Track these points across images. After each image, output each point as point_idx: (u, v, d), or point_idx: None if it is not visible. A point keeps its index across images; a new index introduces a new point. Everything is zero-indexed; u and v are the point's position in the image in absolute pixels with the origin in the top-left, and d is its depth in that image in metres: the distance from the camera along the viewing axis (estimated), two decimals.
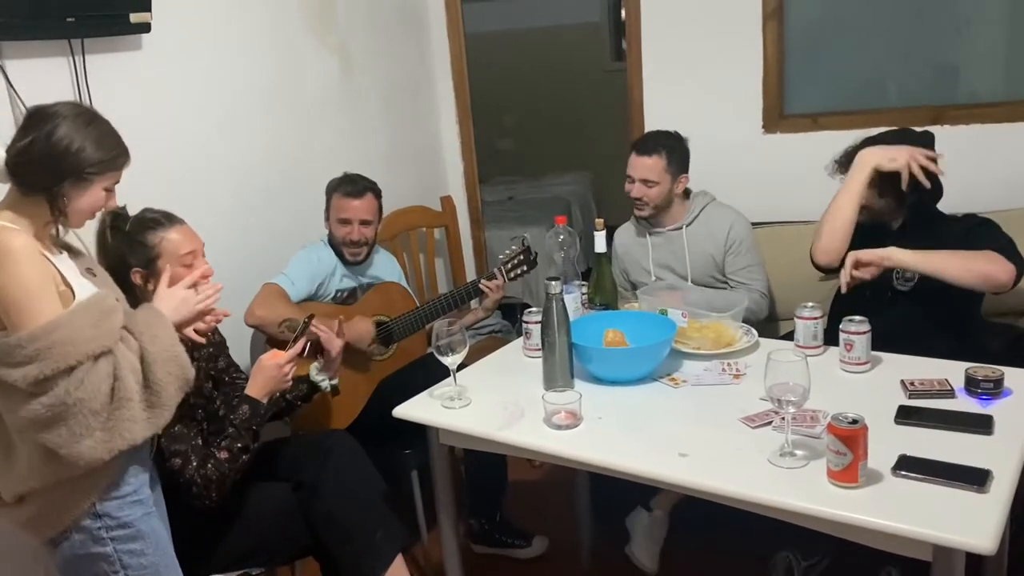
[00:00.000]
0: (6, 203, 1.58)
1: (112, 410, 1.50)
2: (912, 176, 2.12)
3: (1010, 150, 2.86)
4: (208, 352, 2.09)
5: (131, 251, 1.93)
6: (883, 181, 2.19)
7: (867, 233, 2.25)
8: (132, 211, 1.97)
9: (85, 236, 1.94)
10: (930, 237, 2.17)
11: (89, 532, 1.59)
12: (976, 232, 2.19)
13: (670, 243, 2.71)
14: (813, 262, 2.32)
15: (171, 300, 1.73)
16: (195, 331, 1.81)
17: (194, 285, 1.78)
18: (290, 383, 2.07)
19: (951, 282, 2.04)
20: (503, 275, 2.71)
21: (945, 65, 3.04)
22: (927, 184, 2.11)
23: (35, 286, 1.47)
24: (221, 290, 1.81)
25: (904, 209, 2.23)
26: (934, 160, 2.14)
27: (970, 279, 2.04)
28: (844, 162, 2.31)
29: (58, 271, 1.57)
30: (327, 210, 2.68)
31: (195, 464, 1.87)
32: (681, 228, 2.69)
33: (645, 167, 2.60)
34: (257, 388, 2.00)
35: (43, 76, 2.10)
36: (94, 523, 1.59)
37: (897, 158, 2.14)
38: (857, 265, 2.10)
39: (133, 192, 1.96)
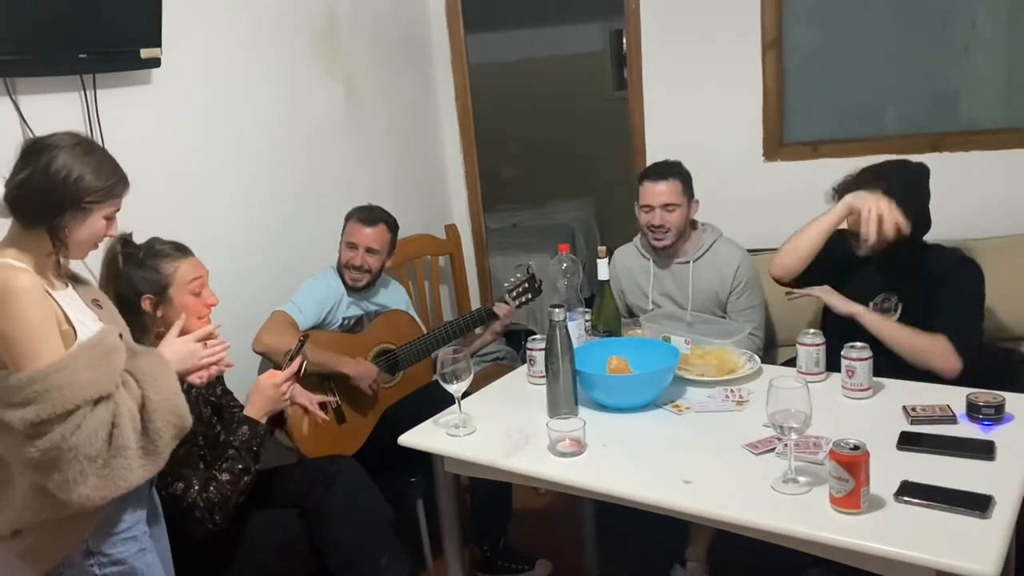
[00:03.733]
0: (9, 240, 1.57)
1: (109, 457, 1.49)
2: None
3: (1008, 177, 2.88)
4: None
5: (143, 278, 1.95)
6: None
7: (840, 262, 2.27)
8: (137, 238, 2.00)
9: (92, 262, 1.97)
10: (906, 269, 2.20)
11: (81, 569, 1.57)
12: (950, 283, 2.17)
13: (674, 275, 2.71)
14: (771, 274, 2.38)
15: (179, 350, 1.73)
16: (197, 378, 1.81)
17: (204, 340, 1.79)
18: (288, 403, 2.08)
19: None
20: (510, 302, 2.74)
21: (944, 93, 3.08)
22: (869, 237, 2.11)
23: (37, 328, 1.46)
24: (228, 348, 1.83)
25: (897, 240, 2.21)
26: (897, 227, 2.12)
27: (916, 362, 2.11)
28: (842, 190, 2.31)
29: (61, 309, 1.56)
30: (342, 234, 2.72)
31: (197, 488, 1.88)
32: (688, 263, 2.67)
33: (664, 192, 2.59)
34: (256, 408, 2.01)
35: (55, 111, 2.14)
36: (86, 560, 1.57)
37: (864, 205, 2.13)
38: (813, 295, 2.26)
39: (144, 223, 1.99)
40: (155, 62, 2.32)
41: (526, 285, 2.76)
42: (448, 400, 1.98)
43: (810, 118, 3.21)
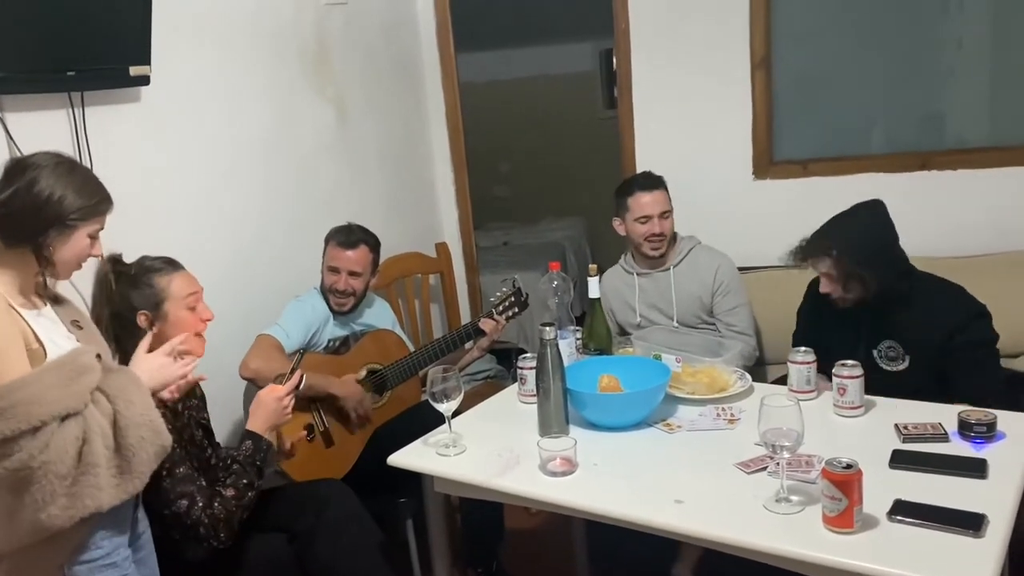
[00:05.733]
0: None
1: (78, 475, 1.47)
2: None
3: (995, 195, 2.90)
4: (195, 403, 2.09)
5: (137, 295, 1.94)
6: (849, 280, 2.18)
7: (833, 317, 2.27)
8: (125, 257, 1.99)
9: (84, 284, 1.96)
10: (902, 309, 2.19)
11: None
12: (965, 345, 2.14)
13: (657, 284, 2.76)
14: None
15: (149, 365, 1.72)
16: (168, 392, 1.79)
17: (174, 354, 1.77)
18: (290, 417, 2.07)
19: None
20: (498, 316, 2.73)
21: (931, 112, 3.10)
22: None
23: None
24: (198, 360, 1.82)
25: (870, 294, 2.19)
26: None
27: None
28: (802, 253, 2.27)
29: (31, 328, 1.54)
30: (323, 256, 2.70)
31: (202, 504, 1.85)
32: (669, 269, 2.74)
33: (660, 201, 2.69)
34: (259, 423, 2.00)
35: (43, 128, 2.12)
36: None
37: None
38: None
39: (131, 241, 1.98)
40: (144, 80, 2.31)
41: (512, 299, 2.74)
42: (437, 419, 1.96)
43: (800, 137, 3.23)
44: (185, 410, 1.99)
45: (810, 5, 3.14)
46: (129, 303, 1.94)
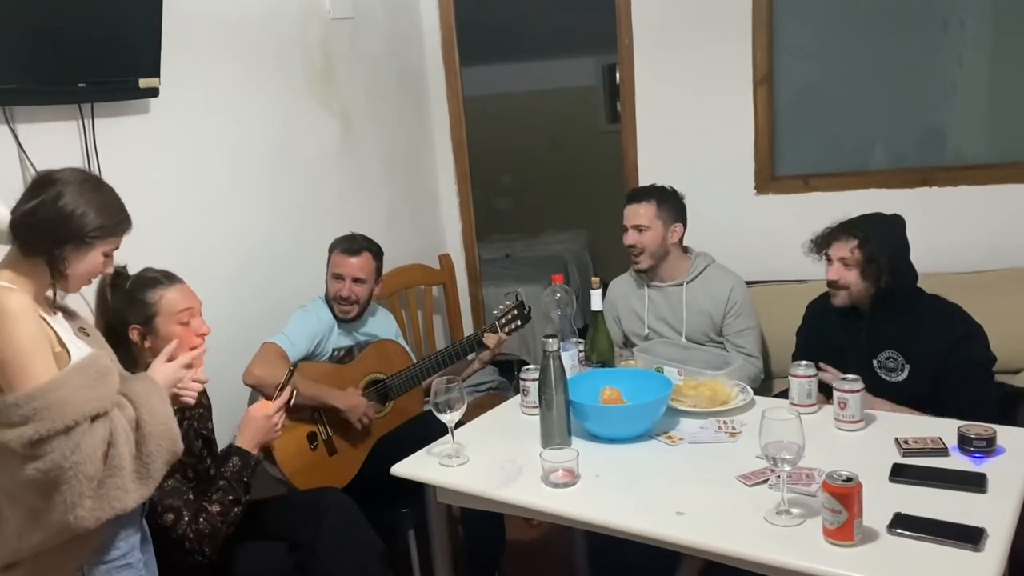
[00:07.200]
0: (5, 263, 1.60)
1: (104, 478, 1.50)
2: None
3: (995, 211, 2.91)
4: (200, 412, 2.10)
5: (130, 308, 1.96)
6: (867, 265, 2.22)
7: (840, 316, 2.31)
8: (131, 269, 2.01)
9: (85, 294, 1.97)
10: (905, 322, 2.22)
11: None
12: (960, 362, 2.17)
13: (668, 298, 2.76)
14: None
15: (169, 375, 1.74)
16: (190, 398, 1.82)
17: (190, 366, 1.79)
18: (279, 434, 2.08)
19: None
20: (500, 329, 2.74)
21: (932, 128, 3.12)
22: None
23: (30, 346, 1.48)
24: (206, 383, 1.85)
25: (878, 292, 2.24)
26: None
27: None
28: (820, 243, 2.34)
29: (54, 332, 1.58)
30: (327, 266, 2.72)
31: (187, 519, 1.86)
32: (682, 284, 2.74)
33: (635, 213, 2.69)
34: (247, 439, 2.01)
35: (53, 139, 2.15)
36: None
37: None
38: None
39: (139, 253, 2.00)
40: (153, 92, 2.34)
41: (515, 312, 2.76)
42: (440, 430, 1.97)
43: (801, 152, 3.25)
44: (186, 420, 2.00)
45: (811, 22, 3.17)
46: (122, 316, 1.96)
